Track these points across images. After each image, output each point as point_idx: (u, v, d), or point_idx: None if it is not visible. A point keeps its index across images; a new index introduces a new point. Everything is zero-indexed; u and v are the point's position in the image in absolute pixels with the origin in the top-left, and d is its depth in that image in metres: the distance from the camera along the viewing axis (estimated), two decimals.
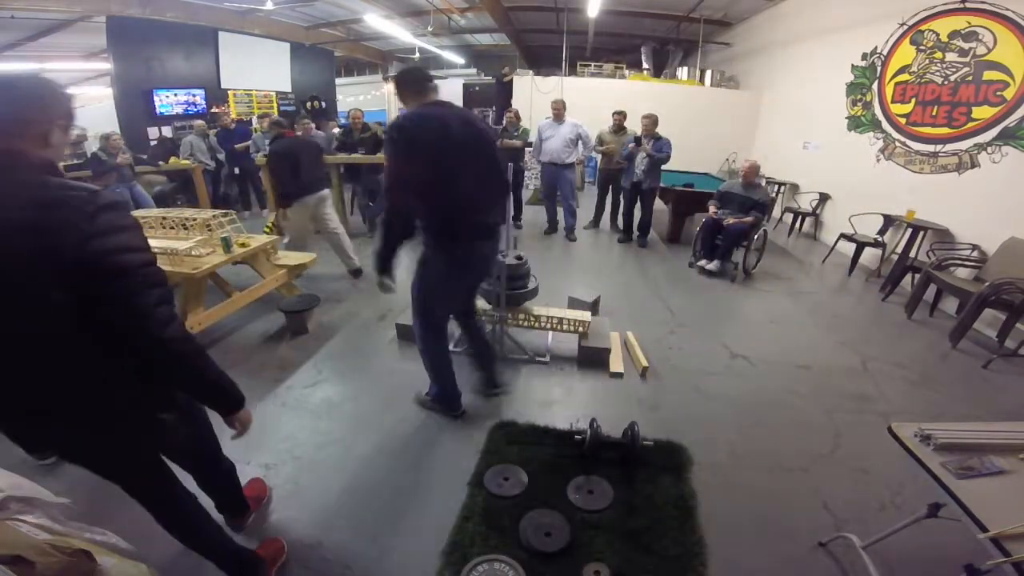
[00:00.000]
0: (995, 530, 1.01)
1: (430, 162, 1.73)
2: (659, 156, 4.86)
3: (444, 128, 1.74)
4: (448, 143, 1.74)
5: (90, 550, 1.27)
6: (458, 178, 1.79)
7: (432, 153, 1.72)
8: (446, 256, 1.96)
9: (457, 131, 1.77)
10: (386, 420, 2.39)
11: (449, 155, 1.75)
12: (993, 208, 3.64)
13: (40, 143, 0.96)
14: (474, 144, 1.83)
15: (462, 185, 1.81)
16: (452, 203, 1.84)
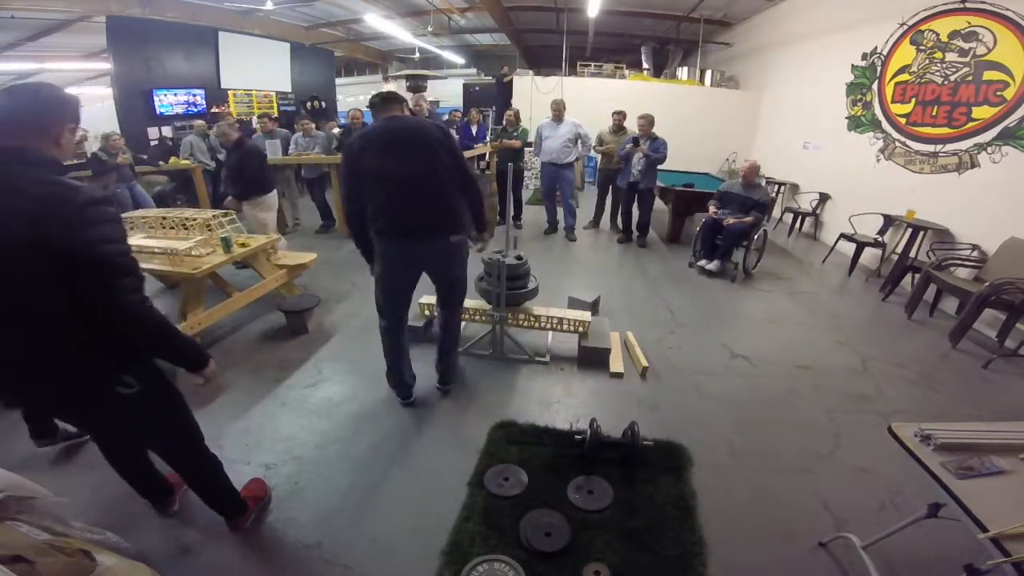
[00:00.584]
0: (995, 530, 1.01)
1: (360, 168, 2.02)
2: (656, 156, 4.87)
3: (377, 139, 2.02)
4: (378, 153, 2.00)
5: (90, 550, 1.27)
6: (385, 182, 2.03)
7: (363, 161, 2.01)
8: (380, 251, 2.19)
9: (389, 142, 2.01)
10: (386, 420, 2.39)
11: (380, 162, 1.99)
12: (993, 208, 3.64)
13: (53, 144, 1.12)
14: (411, 153, 2.02)
15: (389, 189, 2.04)
16: (380, 205, 2.07)
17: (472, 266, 2.51)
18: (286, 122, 8.21)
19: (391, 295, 2.31)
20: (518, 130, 5.61)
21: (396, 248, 2.15)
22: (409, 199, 2.05)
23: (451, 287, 2.39)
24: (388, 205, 2.06)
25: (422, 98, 5.37)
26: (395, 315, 2.36)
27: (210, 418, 2.37)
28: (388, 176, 2.02)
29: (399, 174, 2.01)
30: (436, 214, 2.11)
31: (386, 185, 2.03)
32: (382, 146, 2.00)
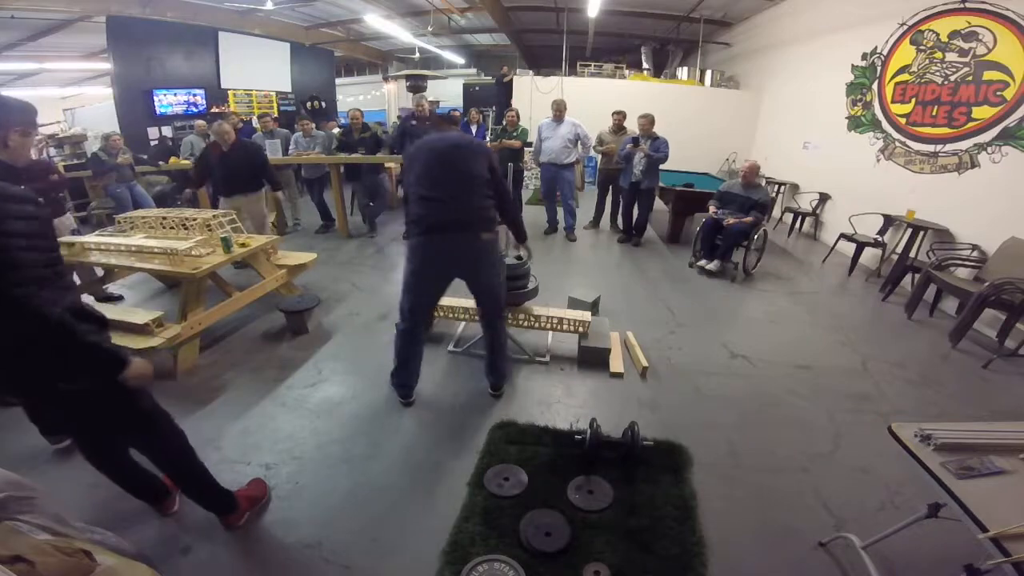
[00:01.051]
0: (995, 530, 1.01)
1: (413, 167, 2.25)
2: (657, 156, 4.87)
3: (432, 144, 2.25)
4: (428, 154, 2.22)
5: (90, 550, 1.27)
6: (431, 179, 2.19)
7: (416, 161, 2.24)
8: (412, 248, 2.28)
9: (441, 147, 2.23)
10: (386, 420, 2.39)
11: (428, 163, 2.21)
12: (993, 208, 3.64)
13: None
14: (457, 158, 2.22)
15: (431, 185, 2.18)
16: (419, 194, 2.21)
17: None
18: (286, 122, 8.21)
19: (417, 296, 2.34)
20: (518, 130, 5.62)
21: (429, 243, 2.21)
22: (447, 196, 2.17)
23: (487, 294, 2.39)
24: (427, 199, 2.18)
25: (423, 98, 5.36)
26: (415, 320, 2.36)
27: (210, 418, 2.38)
28: (433, 175, 2.18)
29: (443, 175, 2.18)
30: (469, 212, 2.20)
31: (430, 182, 2.18)
32: (435, 151, 2.22)
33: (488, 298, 2.40)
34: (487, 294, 2.39)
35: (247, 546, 1.70)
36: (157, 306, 3.28)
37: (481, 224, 2.23)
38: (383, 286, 4.11)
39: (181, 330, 2.62)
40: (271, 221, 5.63)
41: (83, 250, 3.15)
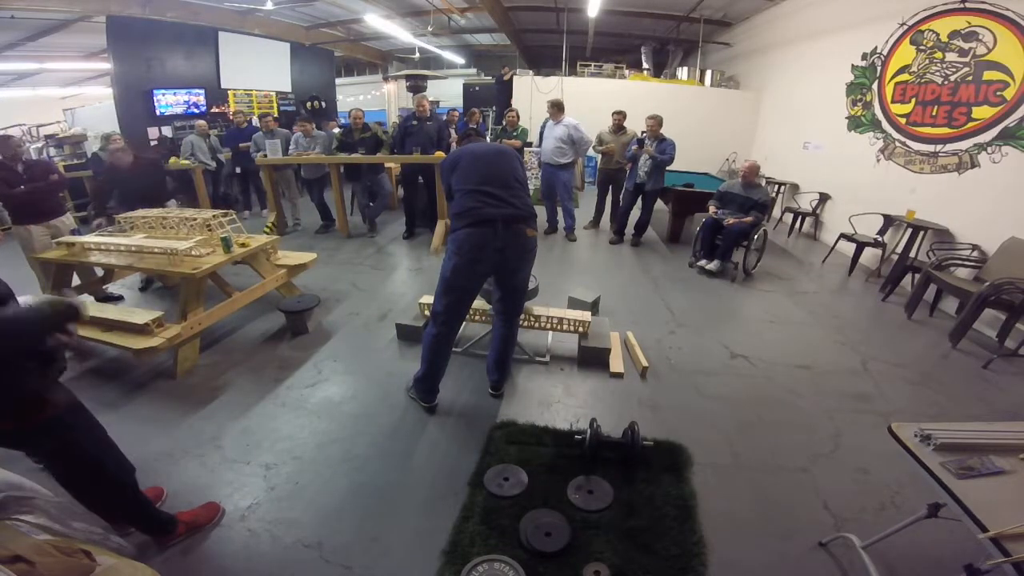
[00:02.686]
0: (995, 530, 1.01)
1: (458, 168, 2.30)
2: (662, 158, 4.86)
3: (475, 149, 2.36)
4: (474, 157, 2.31)
5: (90, 550, 1.27)
6: (479, 177, 2.23)
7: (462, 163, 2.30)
8: (458, 244, 2.20)
9: (484, 151, 2.35)
10: (386, 420, 2.39)
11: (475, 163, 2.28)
12: (993, 208, 3.64)
13: None
14: (500, 159, 2.33)
15: (480, 182, 2.21)
16: (468, 189, 2.22)
17: None
18: (286, 122, 8.22)
19: (457, 295, 2.27)
20: (518, 130, 5.61)
21: (479, 234, 2.16)
22: (498, 190, 2.20)
23: (519, 291, 2.40)
24: (478, 193, 2.19)
25: (424, 98, 5.35)
26: (449, 324, 2.33)
27: (210, 418, 2.38)
28: (482, 172, 2.24)
29: (491, 173, 2.24)
30: (519, 206, 2.22)
31: (479, 178, 2.22)
32: (479, 153, 2.32)
33: (517, 295, 2.42)
34: (518, 291, 2.41)
35: (247, 546, 1.70)
36: (157, 306, 3.28)
37: (529, 219, 2.26)
38: (383, 286, 4.11)
39: (181, 330, 2.62)
40: (271, 221, 5.65)
41: (83, 250, 3.15)
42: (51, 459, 1.42)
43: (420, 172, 5.28)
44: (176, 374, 2.70)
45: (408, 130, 5.14)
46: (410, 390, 2.54)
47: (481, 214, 2.16)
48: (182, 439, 2.22)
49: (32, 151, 7.20)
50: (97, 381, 2.72)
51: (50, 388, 1.35)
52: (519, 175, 2.33)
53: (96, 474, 1.48)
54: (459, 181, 2.27)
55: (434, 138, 5.10)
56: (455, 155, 2.37)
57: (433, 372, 2.40)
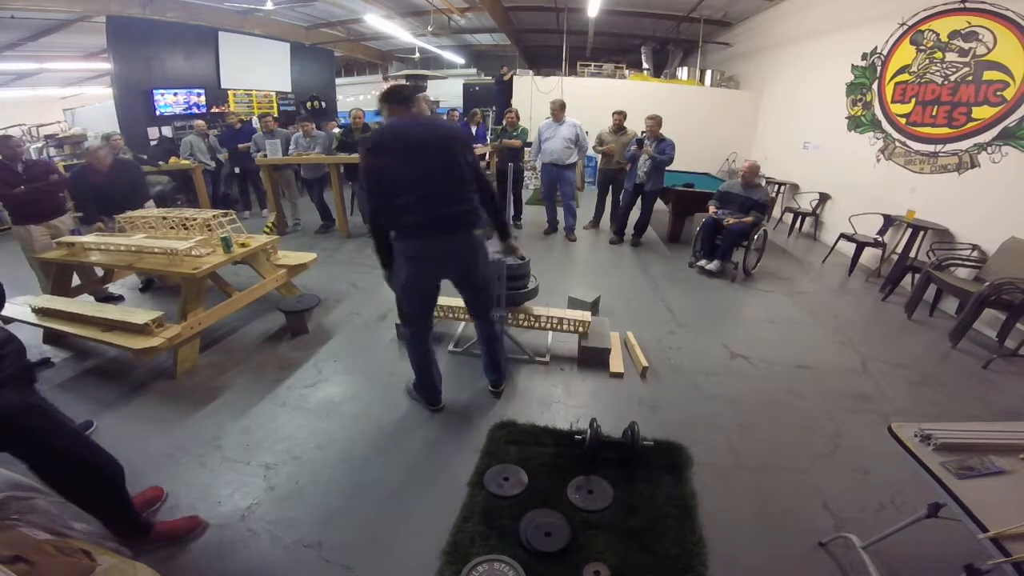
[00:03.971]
0: (995, 530, 1.01)
1: (385, 167, 1.97)
2: (662, 158, 4.85)
3: (401, 137, 1.99)
4: (404, 152, 1.97)
5: (90, 550, 1.27)
6: (412, 181, 1.98)
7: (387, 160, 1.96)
8: (405, 254, 2.10)
9: (414, 140, 1.99)
10: (386, 420, 2.39)
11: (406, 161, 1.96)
12: (993, 208, 3.64)
13: None
14: (436, 150, 2.01)
15: (415, 186, 1.98)
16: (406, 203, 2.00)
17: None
18: (286, 122, 8.21)
19: (418, 299, 2.25)
20: (518, 130, 5.62)
21: (423, 247, 2.08)
22: (435, 195, 2.02)
23: (481, 289, 2.33)
24: (415, 202, 1.99)
25: (424, 98, 5.35)
26: (422, 323, 2.30)
27: (211, 418, 2.38)
28: (415, 174, 1.98)
29: (425, 171, 1.99)
30: (459, 209, 2.08)
31: (413, 183, 1.98)
32: (407, 144, 1.98)
33: (483, 295, 2.36)
34: (482, 291, 2.34)
35: (247, 546, 1.70)
36: (157, 306, 3.28)
37: (473, 221, 2.13)
38: (383, 286, 4.05)
39: (181, 330, 2.62)
40: (271, 221, 5.65)
41: (83, 250, 3.15)
42: (25, 460, 1.41)
43: None
44: (176, 374, 2.70)
45: None
46: (411, 392, 2.54)
47: (418, 224, 2.02)
48: (182, 439, 2.22)
49: (32, 151, 7.20)
50: (97, 381, 2.72)
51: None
52: (460, 159, 2.05)
53: (71, 474, 1.46)
54: (388, 182, 1.97)
55: None
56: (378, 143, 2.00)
57: (426, 371, 2.37)
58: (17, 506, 1.47)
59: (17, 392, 1.35)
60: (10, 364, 1.33)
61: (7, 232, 3.92)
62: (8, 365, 1.32)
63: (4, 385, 1.31)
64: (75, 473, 1.47)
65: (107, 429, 2.29)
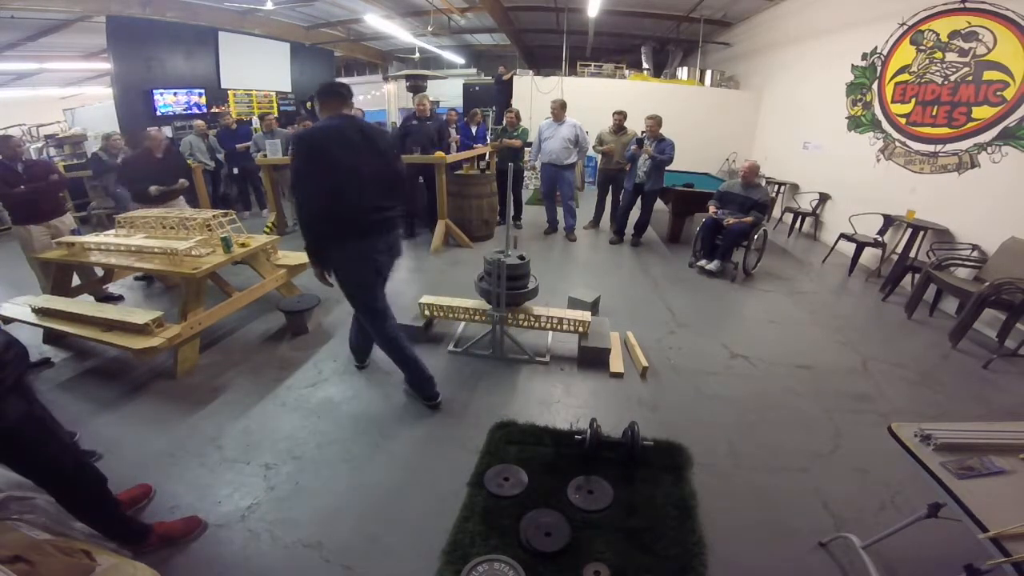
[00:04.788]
0: (995, 530, 1.01)
1: (327, 166, 1.99)
2: (661, 158, 4.85)
3: (347, 135, 2.05)
4: (350, 150, 2.03)
5: (90, 550, 1.27)
6: (351, 179, 2.04)
7: (332, 158, 2.00)
8: (350, 254, 2.15)
9: (359, 140, 2.07)
10: (386, 420, 2.39)
11: (343, 159, 2.01)
12: (993, 208, 3.64)
13: None
14: (377, 151, 2.12)
15: (356, 185, 2.05)
16: (347, 202, 2.06)
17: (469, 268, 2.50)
18: (286, 122, 8.21)
19: (377, 291, 2.30)
20: (518, 130, 5.62)
21: (373, 245, 2.17)
22: (377, 198, 2.12)
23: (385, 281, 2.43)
24: (360, 204, 2.07)
25: (424, 98, 5.35)
26: (388, 313, 2.35)
27: (211, 418, 2.38)
28: (360, 174, 2.05)
29: (369, 172, 2.08)
30: (394, 211, 2.22)
31: (357, 183, 2.05)
32: (354, 143, 2.04)
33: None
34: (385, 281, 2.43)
35: (247, 546, 1.70)
36: (157, 306, 3.28)
37: (399, 221, 2.27)
38: None
39: (181, 330, 2.62)
40: (271, 221, 5.65)
41: (83, 250, 3.15)
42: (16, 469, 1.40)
43: (420, 172, 5.27)
44: (176, 374, 2.70)
45: (408, 130, 5.14)
46: (409, 391, 2.55)
47: (371, 224, 2.12)
48: (182, 439, 2.22)
49: (32, 151, 7.20)
50: (97, 381, 2.72)
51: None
52: (390, 161, 2.16)
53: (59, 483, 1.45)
54: (327, 185, 1.99)
55: (434, 138, 5.10)
56: (318, 146, 2.00)
57: (413, 360, 2.40)
58: (17, 506, 1.47)
59: (25, 400, 1.34)
60: (13, 371, 1.32)
61: (7, 232, 3.93)
62: (12, 371, 1.31)
63: (11, 392, 1.29)
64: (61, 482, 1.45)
65: (107, 429, 2.29)
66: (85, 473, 1.50)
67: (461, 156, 5.44)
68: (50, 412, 1.48)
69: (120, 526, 1.60)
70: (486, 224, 5.49)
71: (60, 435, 1.48)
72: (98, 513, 1.55)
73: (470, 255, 4.91)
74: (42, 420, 1.41)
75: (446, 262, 4.75)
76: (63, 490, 1.46)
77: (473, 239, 5.32)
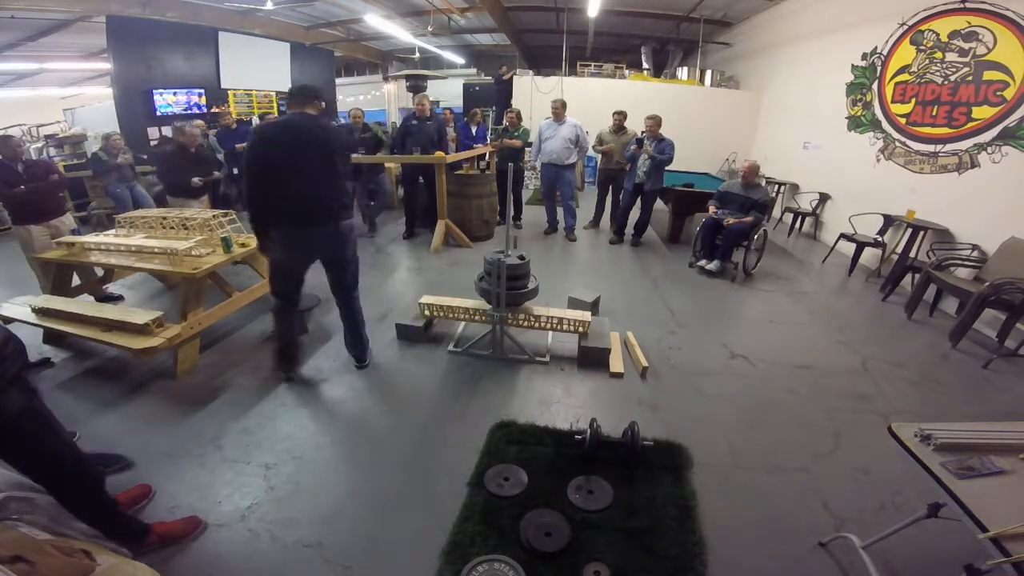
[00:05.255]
0: (995, 530, 1.01)
1: (267, 159, 2.24)
2: (661, 158, 4.85)
3: (285, 133, 2.25)
4: (286, 147, 2.22)
5: (90, 550, 1.27)
6: (291, 173, 2.23)
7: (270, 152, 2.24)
8: (279, 239, 2.38)
9: (295, 137, 2.23)
10: (386, 420, 2.39)
11: (288, 155, 2.22)
12: (993, 208, 3.64)
13: None
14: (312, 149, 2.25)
15: (286, 179, 2.23)
16: (285, 194, 2.26)
17: (469, 268, 2.51)
18: None
19: (285, 278, 2.53)
20: (519, 130, 5.62)
21: (295, 236, 2.36)
22: (307, 190, 2.27)
23: (344, 270, 2.57)
24: (289, 194, 2.25)
25: (424, 98, 5.35)
26: (288, 298, 2.57)
27: (211, 418, 2.38)
28: (291, 168, 2.22)
29: (299, 166, 2.23)
30: (327, 204, 2.32)
31: (289, 176, 2.23)
32: (288, 139, 2.23)
33: (344, 272, 2.59)
34: (343, 269, 2.57)
35: (247, 545, 1.70)
36: (157, 306, 3.28)
37: (337, 215, 2.35)
38: (383, 286, 4.11)
39: (181, 330, 2.62)
40: None
41: (83, 250, 3.15)
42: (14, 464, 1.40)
43: (420, 172, 5.28)
44: (176, 374, 2.70)
45: (408, 130, 5.14)
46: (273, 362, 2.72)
47: (298, 218, 2.30)
48: (182, 439, 2.22)
49: (32, 151, 7.20)
50: (97, 381, 2.72)
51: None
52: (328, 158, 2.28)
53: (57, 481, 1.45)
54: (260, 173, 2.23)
55: (434, 138, 5.10)
56: (258, 143, 2.26)
57: (288, 340, 2.65)
58: (17, 506, 1.47)
59: (24, 394, 1.35)
60: (12, 364, 1.33)
61: (7, 232, 3.93)
62: (11, 365, 1.32)
63: (11, 386, 1.30)
64: (61, 480, 1.45)
65: (107, 429, 2.29)
66: (84, 470, 1.50)
67: (461, 156, 5.44)
68: (49, 409, 1.48)
69: (119, 525, 1.60)
70: (486, 224, 5.49)
71: (59, 431, 1.48)
72: (98, 511, 1.55)
73: (470, 255, 4.91)
74: (41, 415, 1.41)
75: (446, 262, 4.75)
76: (62, 487, 1.46)
77: (473, 239, 5.32)
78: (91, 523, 1.55)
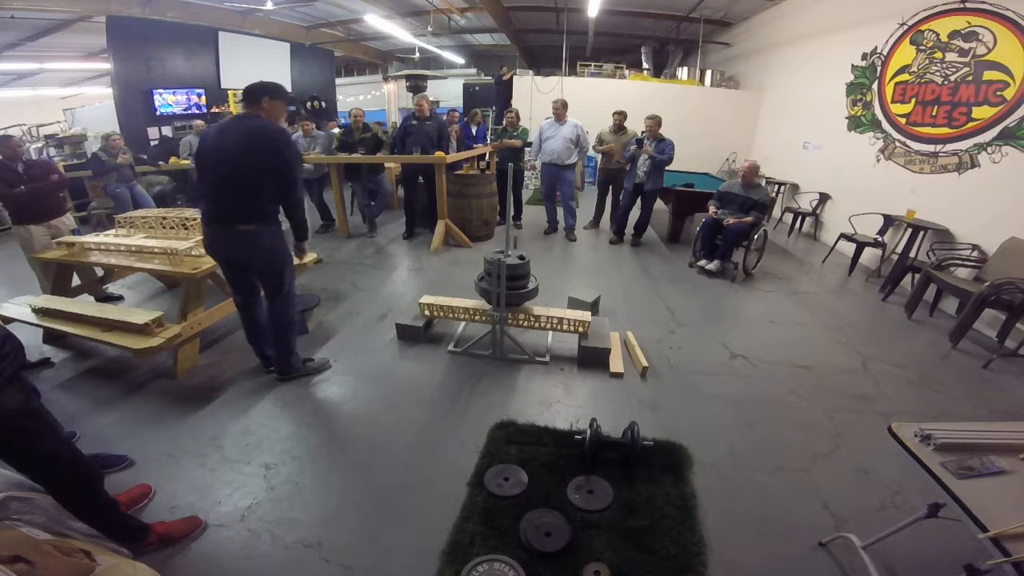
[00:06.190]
0: (995, 530, 1.01)
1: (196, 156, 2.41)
2: (661, 158, 4.85)
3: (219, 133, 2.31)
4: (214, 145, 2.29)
5: (90, 550, 1.28)
6: (213, 171, 2.31)
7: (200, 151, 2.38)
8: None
9: (225, 137, 2.27)
10: (386, 420, 2.39)
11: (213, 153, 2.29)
12: (993, 208, 3.64)
13: None
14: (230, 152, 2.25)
15: (209, 179, 2.34)
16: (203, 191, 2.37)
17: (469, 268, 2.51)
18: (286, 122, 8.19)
19: (225, 273, 2.60)
20: (518, 130, 5.62)
21: (208, 232, 2.44)
22: (224, 192, 2.30)
23: (263, 276, 2.53)
24: (209, 192, 2.34)
25: (424, 98, 5.35)
26: (240, 292, 2.59)
27: (211, 418, 2.38)
28: (216, 166, 2.29)
29: (223, 168, 2.27)
30: (242, 206, 2.31)
31: (212, 175, 2.31)
32: (220, 141, 2.27)
33: (267, 281, 2.54)
34: (265, 277, 2.53)
35: (248, 545, 1.70)
36: (157, 306, 3.28)
37: (241, 217, 2.34)
38: (383, 286, 4.11)
39: (181, 330, 2.62)
40: None
41: (83, 250, 3.15)
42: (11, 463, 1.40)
43: (420, 172, 5.28)
44: (176, 374, 2.70)
45: (408, 130, 5.14)
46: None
47: (207, 216, 2.39)
48: (182, 439, 2.22)
49: (32, 151, 7.20)
50: (97, 381, 2.72)
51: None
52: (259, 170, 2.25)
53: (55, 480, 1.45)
54: (202, 166, 2.36)
55: (434, 138, 5.10)
56: (202, 139, 2.40)
57: (248, 336, 2.71)
58: (17, 506, 1.47)
59: (22, 393, 1.35)
60: (10, 364, 1.33)
61: (7, 232, 3.93)
62: (8, 365, 1.32)
63: (9, 385, 1.30)
64: (59, 480, 1.45)
65: (107, 429, 2.29)
66: (82, 470, 1.50)
67: (461, 156, 5.44)
68: (47, 409, 1.48)
69: (119, 525, 1.60)
70: (486, 224, 5.49)
71: (57, 431, 1.48)
72: (97, 511, 1.55)
73: (470, 255, 4.91)
74: (39, 415, 1.41)
75: (446, 262, 4.75)
76: (60, 487, 1.46)
77: (473, 239, 5.32)
78: (91, 523, 1.55)
